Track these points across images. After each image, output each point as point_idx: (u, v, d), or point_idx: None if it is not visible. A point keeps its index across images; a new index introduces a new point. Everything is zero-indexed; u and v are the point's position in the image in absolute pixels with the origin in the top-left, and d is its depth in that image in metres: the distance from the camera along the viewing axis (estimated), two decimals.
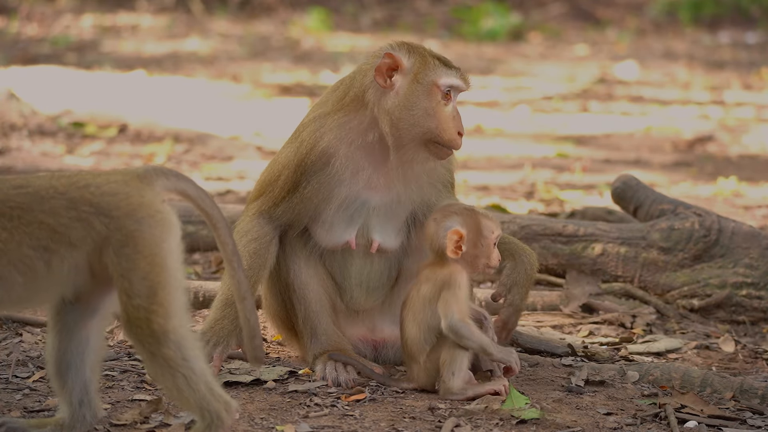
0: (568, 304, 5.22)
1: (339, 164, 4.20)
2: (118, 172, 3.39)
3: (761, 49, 16.42)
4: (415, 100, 4.11)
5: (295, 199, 4.25)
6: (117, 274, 3.26)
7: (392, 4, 18.83)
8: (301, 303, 4.31)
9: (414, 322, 4.07)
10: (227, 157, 8.70)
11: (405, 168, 4.23)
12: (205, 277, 5.59)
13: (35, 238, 3.25)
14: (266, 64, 13.82)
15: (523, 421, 3.85)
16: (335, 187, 4.21)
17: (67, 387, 3.50)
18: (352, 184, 4.21)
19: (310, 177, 4.23)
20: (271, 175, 4.32)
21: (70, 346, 3.48)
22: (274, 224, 4.30)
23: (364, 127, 4.20)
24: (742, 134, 10.55)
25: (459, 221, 4.10)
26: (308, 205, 4.25)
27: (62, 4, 17.74)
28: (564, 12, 18.79)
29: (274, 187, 4.29)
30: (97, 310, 3.46)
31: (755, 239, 5.30)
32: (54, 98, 9.89)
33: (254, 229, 4.29)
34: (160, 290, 3.26)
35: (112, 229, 3.27)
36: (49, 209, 3.27)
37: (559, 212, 6.79)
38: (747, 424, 4.01)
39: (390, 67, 4.14)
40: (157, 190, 3.37)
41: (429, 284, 4.07)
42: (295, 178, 4.24)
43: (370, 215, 4.27)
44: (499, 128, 10.48)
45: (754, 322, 5.22)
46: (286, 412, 3.88)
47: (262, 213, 4.31)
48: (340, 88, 4.28)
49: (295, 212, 4.27)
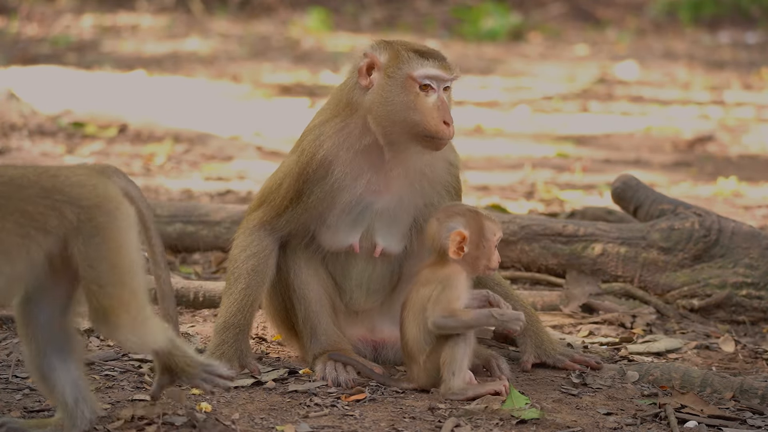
0: (568, 304, 5.22)
1: (339, 171, 4.20)
2: (80, 166, 3.49)
3: (761, 49, 16.41)
4: (391, 95, 4.11)
5: (299, 209, 4.25)
6: (85, 264, 3.35)
7: (392, 4, 18.83)
8: (301, 303, 4.31)
9: (414, 322, 4.07)
10: (227, 157, 8.70)
11: (404, 167, 4.23)
12: (205, 277, 5.60)
13: (20, 225, 3.31)
14: (266, 64, 13.82)
15: (523, 421, 3.85)
16: (338, 194, 4.21)
17: (57, 389, 3.52)
18: (354, 188, 4.21)
19: (312, 186, 4.22)
20: (273, 183, 4.32)
21: (48, 349, 3.51)
22: (275, 236, 4.30)
23: (360, 131, 4.20)
24: (742, 134, 10.55)
25: (462, 222, 4.10)
26: (312, 213, 4.24)
27: (62, 4, 17.74)
28: (564, 12, 18.79)
29: (276, 196, 4.28)
30: (66, 307, 3.52)
31: (755, 239, 5.30)
32: (54, 98, 9.89)
33: (253, 244, 4.29)
34: (129, 278, 3.37)
35: (82, 219, 3.35)
36: (26, 197, 3.34)
37: (559, 212, 6.78)
38: (747, 424, 4.01)
39: (369, 66, 4.16)
40: (117, 185, 3.42)
41: (429, 286, 4.07)
42: (297, 187, 4.24)
43: (374, 219, 4.26)
44: (499, 128, 10.48)
45: (754, 322, 5.22)
46: (286, 412, 3.88)
47: (263, 224, 4.30)
48: (336, 93, 4.29)
49: (299, 222, 4.27)
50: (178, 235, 5.89)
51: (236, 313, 4.24)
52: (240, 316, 4.24)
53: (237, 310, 4.24)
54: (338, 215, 4.24)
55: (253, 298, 4.26)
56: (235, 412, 3.84)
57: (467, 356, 4.03)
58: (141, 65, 12.95)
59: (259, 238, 4.29)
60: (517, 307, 4.25)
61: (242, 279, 4.24)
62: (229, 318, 4.23)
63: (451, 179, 4.36)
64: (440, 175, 4.32)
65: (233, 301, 4.25)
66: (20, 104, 9.35)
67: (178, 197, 7.30)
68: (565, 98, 12.24)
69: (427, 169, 4.29)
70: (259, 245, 4.28)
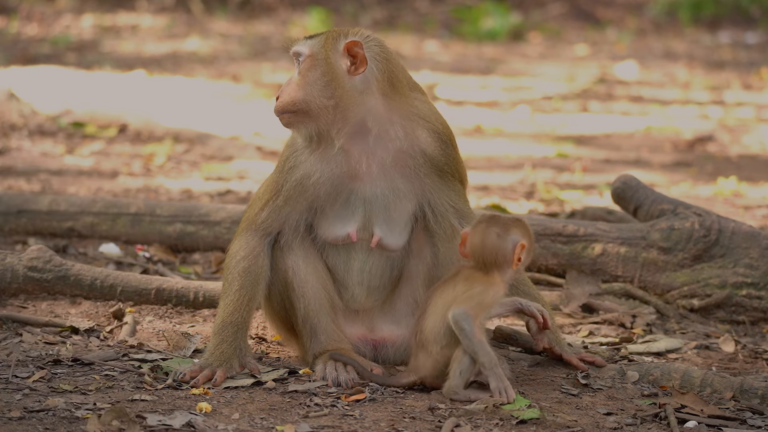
0: (568, 304, 5.22)
1: (311, 159, 4.27)
2: None
3: (761, 49, 16.41)
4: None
5: (279, 200, 4.29)
6: None
7: (392, 4, 18.82)
8: (301, 301, 4.32)
9: (440, 314, 4.08)
10: (227, 157, 8.70)
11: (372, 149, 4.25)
12: (205, 277, 5.59)
13: None
14: (266, 64, 13.82)
15: (523, 421, 3.85)
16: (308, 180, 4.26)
17: None
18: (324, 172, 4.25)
19: (287, 175, 4.28)
20: (257, 191, 4.41)
21: None
22: (260, 234, 4.32)
23: None
24: (742, 134, 10.55)
25: (520, 234, 4.18)
26: (292, 204, 4.29)
27: (62, 4, 17.74)
28: (564, 12, 18.78)
29: (260, 194, 4.37)
30: None
31: (755, 239, 5.30)
32: (54, 98, 9.89)
33: (242, 248, 4.32)
34: None
35: None
36: None
37: (559, 212, 6.78)
38: (747, 424, 4.01)
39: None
40: None
41: (468, 284, 4.09)
42: (276, 179, 4.30)
43: (369, 208, 4.27)
44: (499, 128, 10.48)
45: (754, 322, 5.22)
46: (286, 412, 3.88)
47: (249, 226, 4.35)
48: None
49: (281, 214, 4.30)
50: (178, 235, 5.89)
51: (233, 312, 4.24)
52: (237, 315, 4.24)
53: (234, 309, 4.25)
54: (327, 203, 4.26)
55: (249, 297, 4.27)
56: (235, 412, 3.84)
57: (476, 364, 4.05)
58: (141, 65, 12.95)
59: (247, 240, 4.32)
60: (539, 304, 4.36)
61: (236, 280, 4.27)
62: (227, 317, 4.24)
63: (442, 158, 4.30)
64: (430, 155, 4.29)
65: (229, 301, 4.26)
66: (20, 104, 9.35)
67: (178, 197, 7.30)
68: (565, 98, 12.24)
69: (408, 148, 4.26)
70: (247, 247, 4.31)
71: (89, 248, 5.87)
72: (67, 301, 4.97)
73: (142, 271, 5.54)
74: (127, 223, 5.93)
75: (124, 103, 10.05)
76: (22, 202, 6.03)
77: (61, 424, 3.65)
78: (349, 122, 4.20)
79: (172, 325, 4.78)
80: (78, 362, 4.26)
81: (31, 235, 5.98)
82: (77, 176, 7.82)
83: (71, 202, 6.03)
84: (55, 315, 4.84)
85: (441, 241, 4.33)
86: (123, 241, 5.92)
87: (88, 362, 4.26)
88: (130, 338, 4.58)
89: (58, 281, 4.98)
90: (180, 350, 4.46)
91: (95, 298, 4.98)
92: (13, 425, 3.63)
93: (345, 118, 4.19)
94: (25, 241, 5.91)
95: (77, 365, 4.24)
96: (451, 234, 4.31)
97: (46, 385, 4.00)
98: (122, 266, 5.63)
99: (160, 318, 4.89)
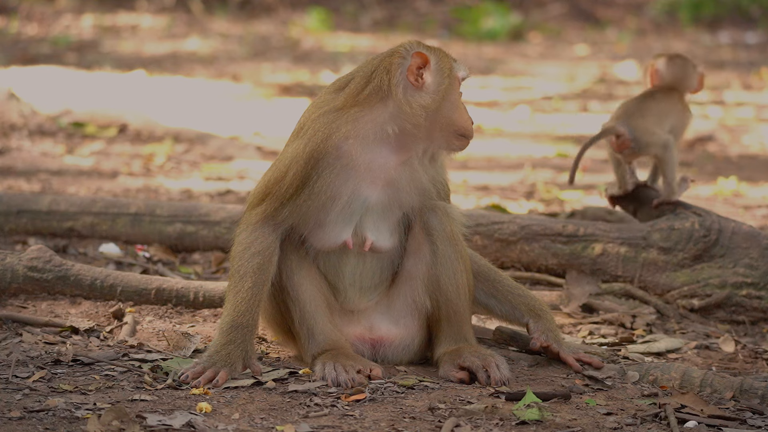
0: (568, 304, 5.22)
1: (351, 157, 4.20)
2: None
3: (761, 49, 16.42)
4: (448, 94, 4.24)
5: (303, 195, 4.19)
6: None
7: (392, 4, 18.83)
8: (296, 304, 4.29)
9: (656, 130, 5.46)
10: (227, 157, 8.70)
11: (409, 164, 4.25)
12: (205, 277, 5.59)
13: None
14: (266, 64, 13.82)
15: (523, 421, 3.85)
16: (344, 182, 4.20)
17: None
18: (358, 178, 4.21)
19: (321, 170, 4.18)
20: (278, 173, 4.24)
21: None
22: (278, 231, 4.24)
23: (381, 123, 4.20)
24: (742, 134, 10.55)
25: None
26: (316, 202, 4.20)
27: (62, 4, 17.74)
28: (564, 12, 18.79)
29: (282, 185, 4.21)
30: None
31: (755, 239, 5.30)
32: (54, 98, 9.89)
33: (257, 241, 4.22)
34: None
35: None
36: None
37: (559, 212, 6.78)
38: (747, 424, 4.01)
39: (419, 66, 4.20)
40: None
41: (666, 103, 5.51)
42: (305, 172, 4.18)
43: (367, 213, 4.26)
44: (499, 128, 10.48)
45: (754, 322, 5.22)
46: (286, 412, 3.88)
47: (266, 218, 4.24)
48: (352, 84, 4.26)
49: (302, 212, 4.22)
50: (178, 235, 5.89)
51: (245, 312, 4.17)
52: (248, 316, 4.17)
53: (245, 310, 4.17)
54: (338, 209, 4.23)
55: (260, 297, 4.20)
56: (235, 412, 3.84)
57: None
58: (141, 65, 12.95)
59: (263, 234, 4.23)
60: (536, 306, 4.41)
61: (248, 277, 4.18)
62: (237, 317, 4.17)
63: (443, 183, 4.41)
64: (430, 173, 4.35)
65: (241, 300, 4.18)
66: (20, 104, 9.35)
67: (178, 197, 7.30)
68: (565, 98, 12.24)
69: (422, 166, 4.31)
70: (263, 242, 4.22)
71: (89, 248, 5.87)
72: (67, 301, 4.97)
73: (142, 271, 5.54)
74: (127, 223, 5.93)
75: (124, 103, 10.06)
76: (22, 202, 6.03)
77: (61, 424, 3.65)
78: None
79: (172, 325, 4.78)
80: (78, 362, 4.25)
81: (31, 235, 5.97)
82: (77, 176, 7.83)
83: (71, 202, 6.03)
84: (55, 315, 4.83)
85: (440, 240, 4.33)
86: (123, 241, 5.92)
87: (88, 362, 4.25)
88: (130, 338, 4.58)
89: (58, 281, 4.98)
90: (180, 350, 4.45)
91: (95, 298, 4.98)
92: (13, 425, 3.63)
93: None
94: (25, 241, 5.91)
95: (77, 365, 4.24)
96: (450, 231, 4.31)
97: (46, 385, 4.00)
98: (122, 266, 5.63)
99: (160, 318, 4.88)
